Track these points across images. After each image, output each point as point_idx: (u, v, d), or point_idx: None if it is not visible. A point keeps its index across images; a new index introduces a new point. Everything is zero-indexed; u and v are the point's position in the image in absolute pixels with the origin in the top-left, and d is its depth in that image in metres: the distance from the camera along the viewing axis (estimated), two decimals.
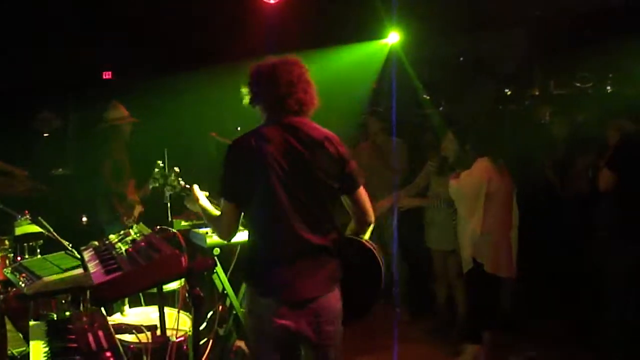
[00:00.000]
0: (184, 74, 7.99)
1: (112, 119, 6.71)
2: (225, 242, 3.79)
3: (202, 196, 3.79)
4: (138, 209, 6.59)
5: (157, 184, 4.50)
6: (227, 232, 3.44)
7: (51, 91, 9.29)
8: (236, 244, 4.51)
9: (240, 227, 3.48)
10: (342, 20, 8.39)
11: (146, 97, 7.71)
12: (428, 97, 9.44)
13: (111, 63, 9.65)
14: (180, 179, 4.33)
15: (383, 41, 8.67)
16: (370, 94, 8.78)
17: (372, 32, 8.57)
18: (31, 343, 3.08)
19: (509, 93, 10.66)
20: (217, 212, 3.55)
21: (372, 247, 3.65)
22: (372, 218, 3.59)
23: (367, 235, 3.65)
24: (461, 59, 11.10)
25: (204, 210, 3.68)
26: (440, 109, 9.92)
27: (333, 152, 3.38)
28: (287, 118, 3.40)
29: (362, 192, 3.53)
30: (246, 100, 3.52)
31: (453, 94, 9.86)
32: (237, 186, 3.34)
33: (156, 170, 4.56)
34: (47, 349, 2.95)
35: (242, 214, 3.40)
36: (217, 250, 4.69)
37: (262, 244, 3.36)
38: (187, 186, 4.17)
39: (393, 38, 8.60)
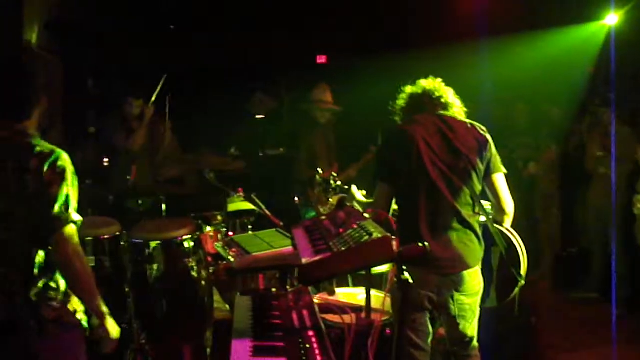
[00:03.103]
0: (396, 58, 7.88)
1: (315, 100, 6.73)
2: None
3: (358, 194, 4.35)
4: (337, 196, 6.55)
5: (321, 189, 4.85)
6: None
7: (266, 74, 9.55)
8: None
9: None
10: (555, 1, 7.89)
11: (358, 81, 7.69)
12: None
13: (325, 47, 9.74)
14: (339, 182, 4.74)
15: (600, 23, 8.03)
16: (588, 81, 8.20)
17: (587, 14, 7.97)
18: (235, 315, 3.11)
19: None
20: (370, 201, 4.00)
21: (511, 235, 3.86)
22: (508, 207, 3.82)
23: (506, 224, 3.88)
24: None
25: (360, 203, 4.19)
26: None
27: (477, 135, 3.76)
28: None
29: (499, 178, 3.82)
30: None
31: None
32: (389, 166, 3.79)
33: (317, 177, 4.99)
34: (250, 322, 2.97)
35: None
36: None
37: (413, 215, 3.66)
38: (346, 187, 4.63)
39: (611, 19, 7.94)
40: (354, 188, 4.44)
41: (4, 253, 2.82)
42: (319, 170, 5.20)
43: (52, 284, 2.89)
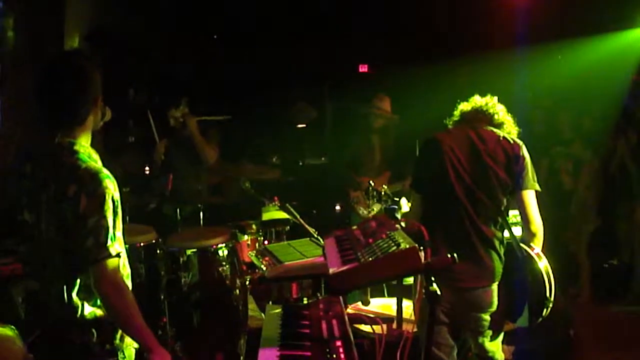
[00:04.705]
0: (437, 67, 7.84)
1: (373, 106, 6.79)
2: None
3: (405, 207, 4.52)
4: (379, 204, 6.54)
5: (363, 193, 5.34)
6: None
7: (308, 83, 9.57)
8: None
9: None
10: (596, 7, 7.76)
11: (401, 90, 7.67)
12: None
13: (367, 56, 9.73)
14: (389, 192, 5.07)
15: None
16: (631, 88, 8.04)
17: (627, 21, 7.83)
18: (264, 324, 3.11)
19: None
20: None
21: (536, 259, 3.69)
22: (535, 226, 3.71)
23: (536, 244, 3.74)
24: None
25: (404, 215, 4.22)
26: None
27: (508, 148, 3.70)
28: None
29: (528, 195, 3.71)
30: None
31: None
32: (421, 176, 3.86)
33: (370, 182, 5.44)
34: (279, 330, 2.96)
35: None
36: None
37: (432, 226, 3.42)
38: (397, 198, 4.91)
39: None
40: (403, 200, 4.59)
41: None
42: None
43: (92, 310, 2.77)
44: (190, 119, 6.18)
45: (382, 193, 5.16)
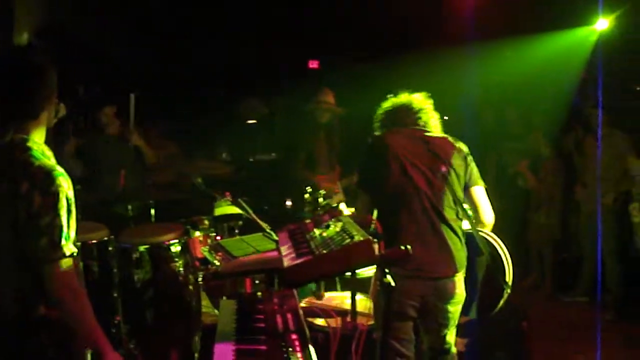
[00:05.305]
0: (387, 63, 7.91)
1: (318, 100, 6.80)
2: None
3: (346, 212, 4.58)
4: (337, 199, 6.54)
5: (311, 207, 5.17)
6: None
7: (257, 79, 9.56)
8: None
9: None
10: (546, 5, 7.91)
11: (350, 86, 7.71)
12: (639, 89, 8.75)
13: (317, 52, 9.76)
14: (327, 200, 5.12)
15: (591, 27, 8.04)
16: (578, 85, 8.21)
17: (577, 19, 7.99)
18: (219, 319, 3.13)
19: None
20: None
21: (495, 242, 3.91)
22: (487, 219, 3.87)
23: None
24: None
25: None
26: None
27: (453, 146, 3.82)
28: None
29: (477, 190, 3.87)
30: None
31: None
32: (369, 176, 3.89)
33: (307, 196, 5.31)
34: (234, 325, 2.98)
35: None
36: None
37: (397, 220, 3.70)
38: (335, 205, 5.02)
39: (602, 24, 7.94)
40: (342, 206, 4.72)
41: None
42: (308, 188, 5.44)
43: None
44: (131, 132, 6.17)
45: (324, 202, 5.24)
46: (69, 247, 2.59)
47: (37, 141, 2.71)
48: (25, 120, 2.69)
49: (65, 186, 2.59)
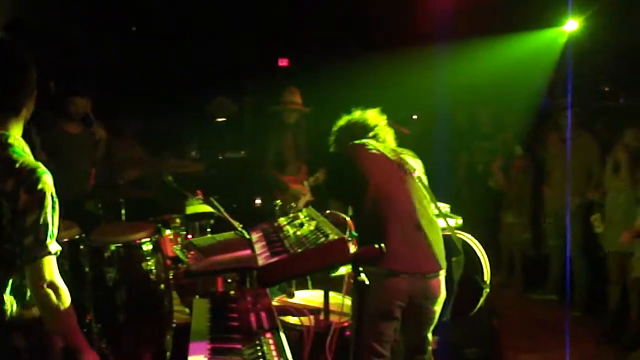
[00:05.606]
0: (357, 61, 7.93)
1: (284, 101, 6.76)
2: None
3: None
4: (305, 199, 6.52)
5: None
6: None
7: (227, 77, 9.54)
8: None
9: None
10: (517, 6, 8.00)
11: (320, 84, 7.72)
12: (608, 89, 8.87)
13: (287, 50, 9.77)
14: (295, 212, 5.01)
15: (560, 29, 8.17)
16: (548, 86, 8.32)
17: (547, 20, 8.11)
18: (193, 318, 3.12)
19: None
20: None
21: (472, 242, 4.06)
22: None
23: None
24: None
25: None
26: (621, 101, 9.28)
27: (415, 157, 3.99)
28: None
29: None
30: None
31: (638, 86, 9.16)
32: (345, 186, 3.90)
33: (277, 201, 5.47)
34: (208, 324, 2.97)
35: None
36: None
37: (382, 219, 3.67)
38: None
39: (571, 25, 8.06)
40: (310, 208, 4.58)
41: None
42: (278, 201, 5.58)
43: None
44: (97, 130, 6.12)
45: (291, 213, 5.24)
46: (54, 245, 2.57)
47: (17, 137, 2.67)
48: (7, 116, 2.65)
49: (50, 184, 2.56)
